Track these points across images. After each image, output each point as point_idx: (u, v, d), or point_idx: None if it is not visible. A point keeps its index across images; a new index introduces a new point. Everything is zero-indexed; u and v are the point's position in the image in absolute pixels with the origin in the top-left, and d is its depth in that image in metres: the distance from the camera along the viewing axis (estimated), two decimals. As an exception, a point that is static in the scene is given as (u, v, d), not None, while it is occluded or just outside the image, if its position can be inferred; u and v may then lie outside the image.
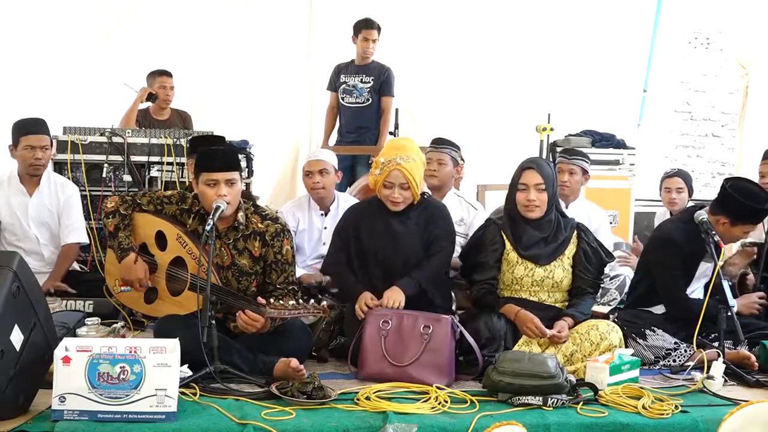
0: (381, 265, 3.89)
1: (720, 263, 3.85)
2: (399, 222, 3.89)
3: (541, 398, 3.20)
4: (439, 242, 3.92)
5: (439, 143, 4.90)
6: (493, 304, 3.85)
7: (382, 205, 3.91)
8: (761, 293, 4.32)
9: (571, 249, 3.95)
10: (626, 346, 3.89)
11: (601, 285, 4.62)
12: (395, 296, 3.72)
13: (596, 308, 4.39)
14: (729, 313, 3.76)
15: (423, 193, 3.96)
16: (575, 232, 3.98)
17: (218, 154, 3.72)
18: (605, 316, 4.34)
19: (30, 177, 4.68)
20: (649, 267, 4.22)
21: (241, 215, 3.71)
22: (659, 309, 4.28)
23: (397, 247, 3.87)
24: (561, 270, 3.91)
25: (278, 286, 3.73)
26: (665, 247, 4.11)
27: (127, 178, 5.37)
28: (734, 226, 4.04)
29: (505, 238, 3.93)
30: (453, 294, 4.21)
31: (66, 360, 2.87)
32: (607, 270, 4.67)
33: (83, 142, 5.37)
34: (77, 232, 4.77)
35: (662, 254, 4.12)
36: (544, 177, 3.86)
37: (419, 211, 3.92)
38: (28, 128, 4.61)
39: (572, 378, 3.35)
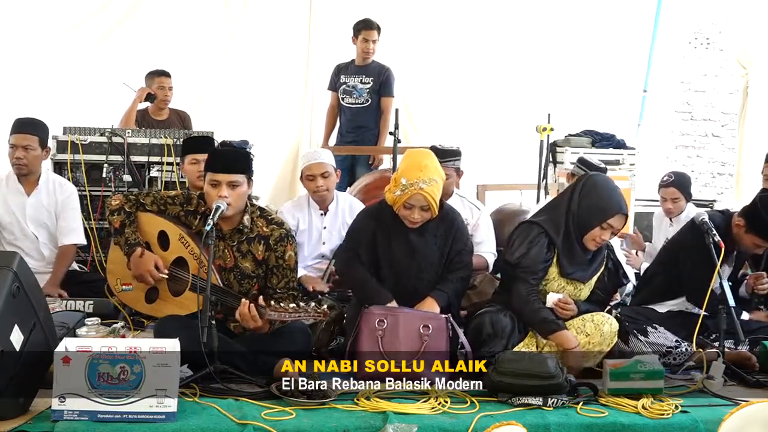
0: (394, 276, 3.87)
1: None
2: (417, 235, 3.86)
3: (541, 398, 3.21)
4: (462, 257, 3.92)
5: (440, 156, 4.61)
6: (550, 322, 3.69)
7: (398, 216, 3.87)
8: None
9: (600, 270, 3.93)
10: (627, 343, 3.89)
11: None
12: (428, 308, 3.74)
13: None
14: (729, 313, 3.76)
15: None
16: (605, 252, 3.94)
17: (223, 156, 3.73)
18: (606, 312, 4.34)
19: (24, 176, 4.68)
20: (679, 254, 4.22)
21: (246, 218, 3.71)
22: (663, 307, 4.29)
23: (414, 260, 3.86)
24: (588, 288, 3.90)
25: (279, 291, 3.72)
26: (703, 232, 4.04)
27: (127, 178, 5.36)
28: (746, 234, 4.09)
29: (555, 253, 3.81)
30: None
31: (66, 360, 2.88)
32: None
33: (83, 142, 5.37)
34: (75, 234, 4.76)
35: (701, 236, 4.02)
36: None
37: (437, 221, 3.88)
38: (15, 127, 4.64)
39: (572, 378, 3.36)
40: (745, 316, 4.20)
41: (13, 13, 6.79)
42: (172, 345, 3.04)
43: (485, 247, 4.77)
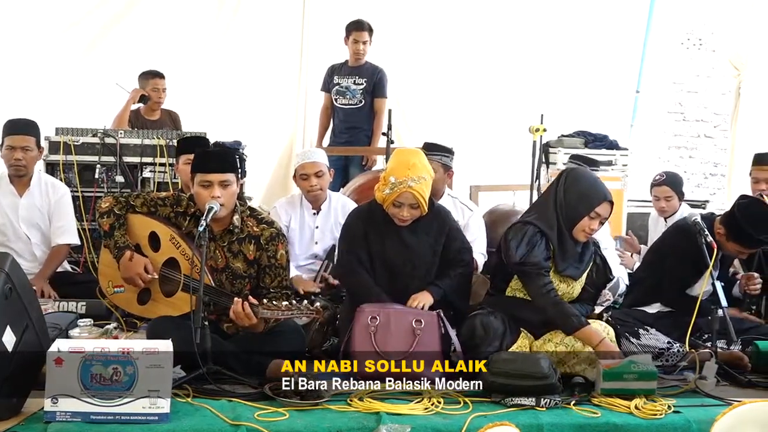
0: (388, 273, 3.88)
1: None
2: (409, 232, 3.87)
3: (534, 399, 3.21)
4: (462, 256, 3.94)
5: (430, 150, 4.72)
6: (573, 316, 3.63)
7: (389, 215, 3.88)
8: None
9: (590, 266, 3.93)
10: (620, 346, 3.89)
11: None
12: (422, 298, 3.75)
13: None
14: (721, 313, 3.77)
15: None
16: (593, 248, 3.94)
17: (213, 156, 3.73)
18: (598, 316, 4.35)
19: (18, 177, 4.66)
20: (663, 256, 4.23)
21: (236, 218, 3.71)
22: (653, 308, 4.29)
23: (407, 257, 3.87)
24: (579, 285, 3.89)
25: (271, 290, 3.73)
26: (687, 233, 4.06)
27: (120, 179, 5.36)
28: (728, 242, 4.10)
29: (552, 251, 3.79)
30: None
31: (58, 361, 2.87)
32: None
33: (75, 143, 5.36)
34: (68, 234, 4.75)
35: (682, 239, 4.07)
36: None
37: (428, 219, 3.89)
38: (11, 128, 4.61)
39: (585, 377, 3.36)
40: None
41: (5, 13, 6.77)
42: (165, 346, 3.04)
43: (474, 248, 4.76)
